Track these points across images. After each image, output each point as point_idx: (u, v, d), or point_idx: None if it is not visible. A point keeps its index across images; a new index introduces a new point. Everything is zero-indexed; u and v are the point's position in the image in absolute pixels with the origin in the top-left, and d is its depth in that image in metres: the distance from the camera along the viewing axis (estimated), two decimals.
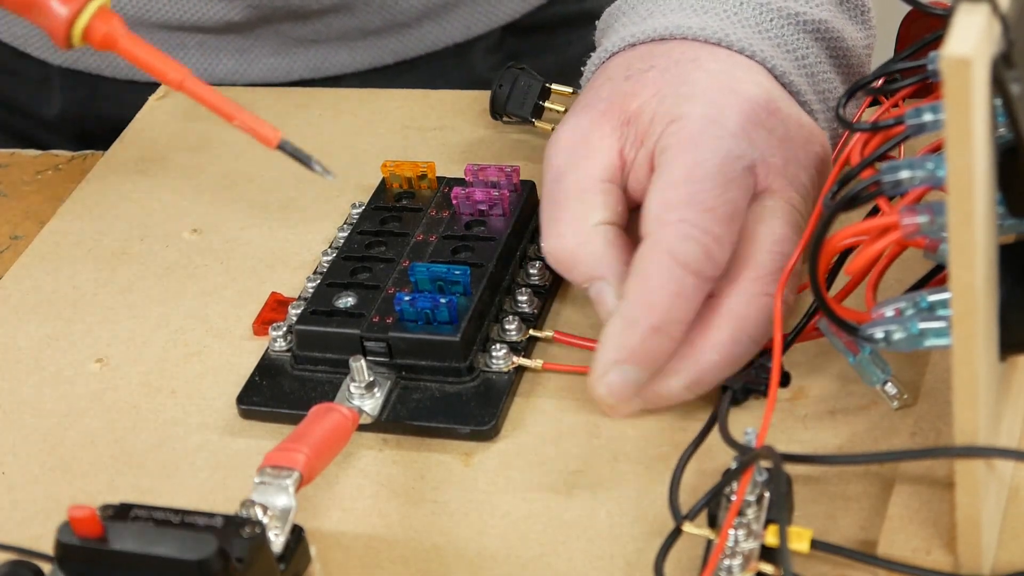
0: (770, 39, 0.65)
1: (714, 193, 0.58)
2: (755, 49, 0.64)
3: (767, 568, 0.50)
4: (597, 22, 0.72)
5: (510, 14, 0.95)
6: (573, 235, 0.61)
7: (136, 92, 0.87)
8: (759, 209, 0.60)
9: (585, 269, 0.61)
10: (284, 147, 0.57)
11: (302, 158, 0.58)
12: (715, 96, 0.61)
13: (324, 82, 0.92)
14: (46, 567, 0.52)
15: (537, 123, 0.77)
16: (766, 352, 0.60)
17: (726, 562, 0.50)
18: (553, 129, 0.76)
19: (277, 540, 0.53)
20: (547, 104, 0.77)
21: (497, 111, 0.77)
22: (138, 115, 0.85)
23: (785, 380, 0.60)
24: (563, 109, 0.76)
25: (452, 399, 0.62)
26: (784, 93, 0.63)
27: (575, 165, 0.62)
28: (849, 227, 0.51)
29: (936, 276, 0.58)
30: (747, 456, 0.52)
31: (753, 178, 0.60)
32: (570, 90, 0.76)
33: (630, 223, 0.62)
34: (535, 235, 0.69)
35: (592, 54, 0.69)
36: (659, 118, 0.61)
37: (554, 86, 0.77)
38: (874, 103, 0.68)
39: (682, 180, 0.58)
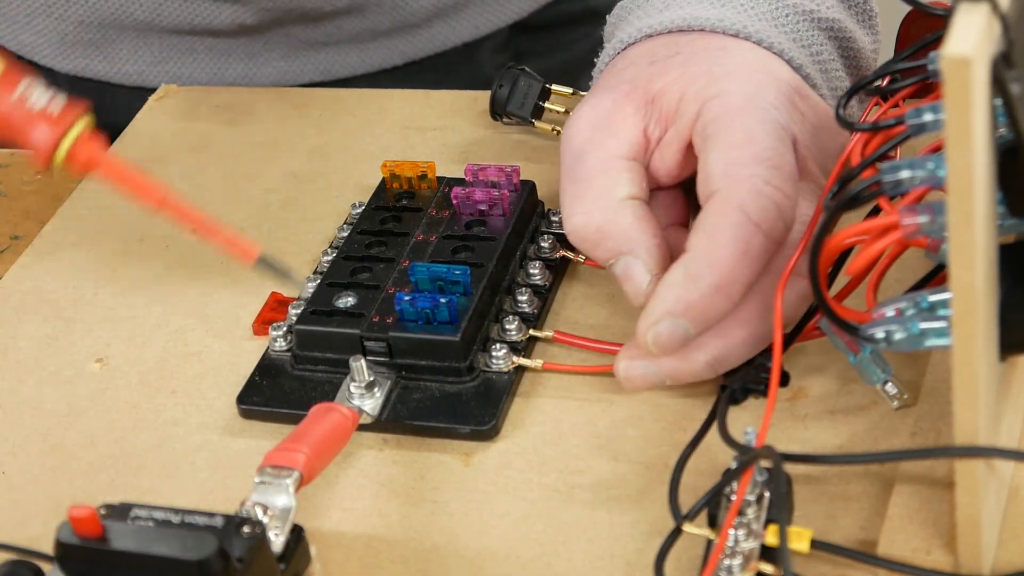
0: (786, 33, 0.65)
1: (779, 152, 0.58)
2: (773, 41, 0.64)
3: (767, 568, 0.50)
4: (608, 16, 0.72)
5: (518, 13, 0.95)
6: (600, 211, 0.60)
7: (143, 100, 0.87)
8: None
9: (613, 244, 0.60)
10: (263, 262, 0.59)
11: (280, 271, 0.60)
12: (750, 75, 0.61)
13: (333, 85, 0.92)
14: (46, 567, 0.52)
15: (537, 123, 0.77)
16: (766, 351, 0.60)
17: (726, 562, 0.50)
18: (554, 129, 0.76)
19: (277, 540, 0.53)
20: (547, 104, 0.77)
21: (497, 111, 0.77)
22: (138, 115, 0.85)
23: (785, 380, 0.60)
24: (563, 109, 0.76)
25: (452, 399, 0.62)
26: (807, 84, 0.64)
27: (598, 143, 0.62)
28: (850, 227, 0.51)
29: (937, 276, 0.58)
30: (747, 456, 0.52)
31: (795, 151, 0.60)
32: (570, 90, 0.76)
33: (651, 202, 0.62)
34: (535, 235, 0.69)
35: (604, 46, 0.68)
36: (690, 97, 0.60)
37: (554, 86, 0.77)
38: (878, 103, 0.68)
39: (744, 141, 0.58)
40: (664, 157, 0.61)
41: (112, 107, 0.87)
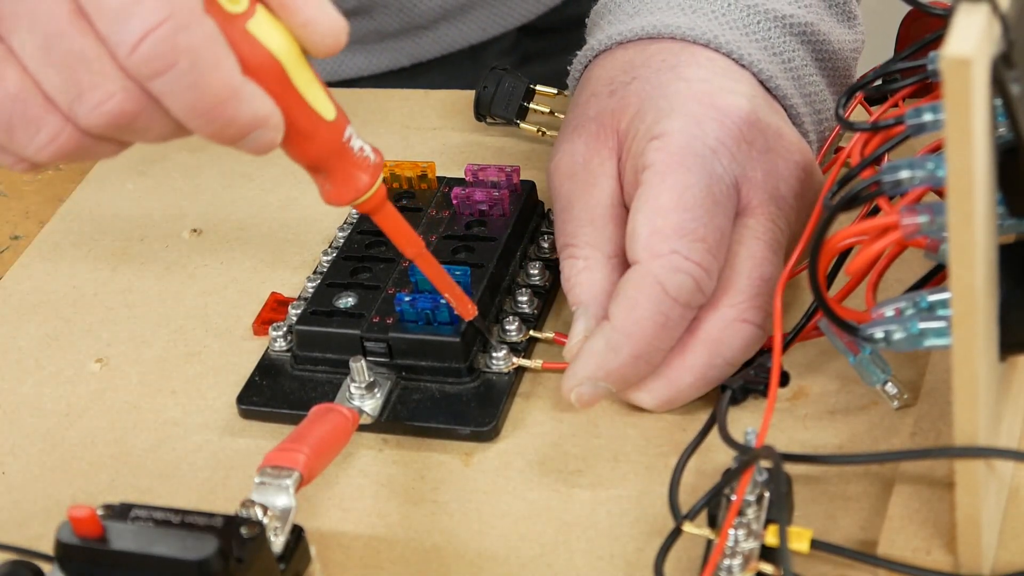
0: (757, 41, 0.65)
1: (704, 221, 0.58)
2: (743, 52, 0.64)
3: (767, 568, 0.50)
4: (586, 19, 0.72)
5: (525, 15, 0.95)
6: (584, 267, 0.62)
7: None
8: (740, 229, 0.60)
9: (575, 294, 0.62)
10: (476, 320, 0.62)
11: (486, 333, 0.63)
12: (694, 109, 0.61)
13: (339, 85, 0.92)
14: (46, 567, 0.52)
15: (522, 124, 0.77)
16: (766, 352, 0.60)
17: (726, 562, 0.50)
18: (539, 130, 0.76)
19: (277, 540, 0.53)
20: (531, 105, 0.76)
21: (481, 112, 0.77)
22: None
23: (785, 380, 0.60)
24: (547, 110, 0.76)
25: (452, 400, 0.62)
26: (767, 101, 0.63)
27: (582, 194, 0.63)
28: (849, 227, 0.51)
29: (936, 276, 0.58)
30: (747, 456, 0.52)
31: (736, 196, 0.60)
32: (554, 91, 0.76)
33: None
34: (535, 235, 0.69)
35: (578, 52, 0.69)
36: (641, 135, 0.61)
37: (539, 87, 0.76)
38: (875, 102, 0.68)
39: (671, 207, 0.58)
40: (629, 192, 0.62)
41: None
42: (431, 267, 0.60)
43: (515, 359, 0.63)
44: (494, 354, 0.63)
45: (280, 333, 0.65)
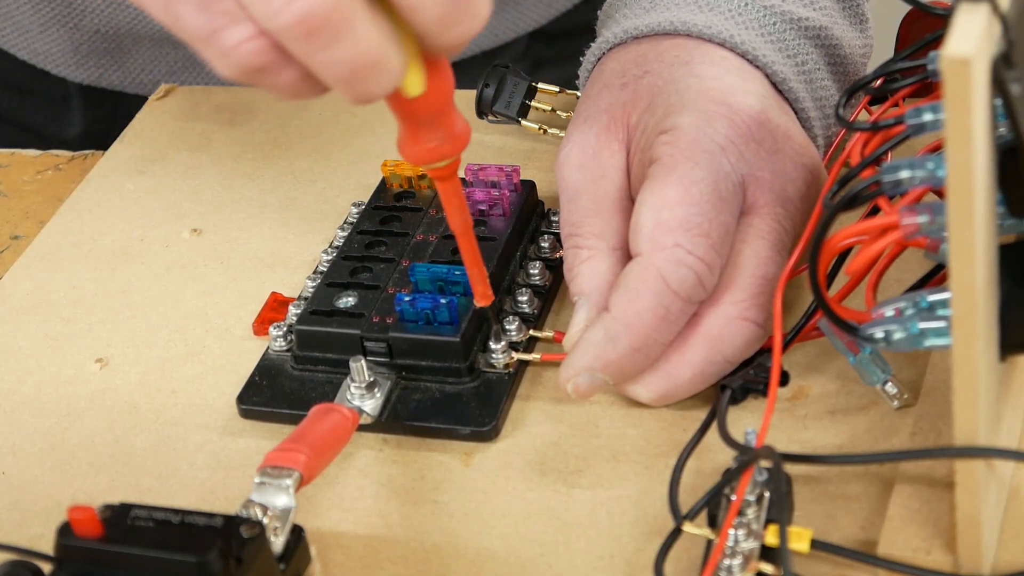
0: (772, 42, 0.65)
1: (709, 217, 0.58)
2: (757, 52, 0.64)
3: (767, 568, 0.50)
4: (598, 12, 0.72)
5: (537, 20, 0.95)
6: (587, 257, 0.62)
7: None
8: (745, 228, 0.60)
9: (578, 284, 0.62)
10: (490, 308, 0.62)
11: (492, 321, 0.63)
12: (705, 106, 0.61)
13: None
14: (46, 567, 0.52)
15: (523, 122, 0.76)
16: (766, 351, 0.60)
17: (726, 562, 0.50)
18: (541, 128, 0.76)
19: (277, 540, 0.53)
20: (533, 103, 0.76)
21: (483, 111, 0.77)
22: (138, 115, 0.85)
23: (785, 380, 0.60)
24: (550, 108, 0.76)
25: (452, 400, 0.62)
26: (778, 102, 0.64)
27: (590, 185, 0.63)
28: (849, 227, 0.51)
29: (936, 276, 0.58)
30: (747, 456, 0.52)
31: (742, 194, 0.60)
32: (556, 89, 0.76)
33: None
34: (535, 235, 0.69)
35: (591, 44, 0.69)
36: (651, 129, 0.61)
37: (541, 85, 0.76)
38: (875, 102, 0.68)
39: (677, 201, 0.58)
40: (636, 186, 0.62)
41: (126, 117, 0.86)
42: (470, 246, 0.59)
43: (514, 354, 0.63)
44: (493, 346, 0.62)
45: (280, 333, 0.65)
